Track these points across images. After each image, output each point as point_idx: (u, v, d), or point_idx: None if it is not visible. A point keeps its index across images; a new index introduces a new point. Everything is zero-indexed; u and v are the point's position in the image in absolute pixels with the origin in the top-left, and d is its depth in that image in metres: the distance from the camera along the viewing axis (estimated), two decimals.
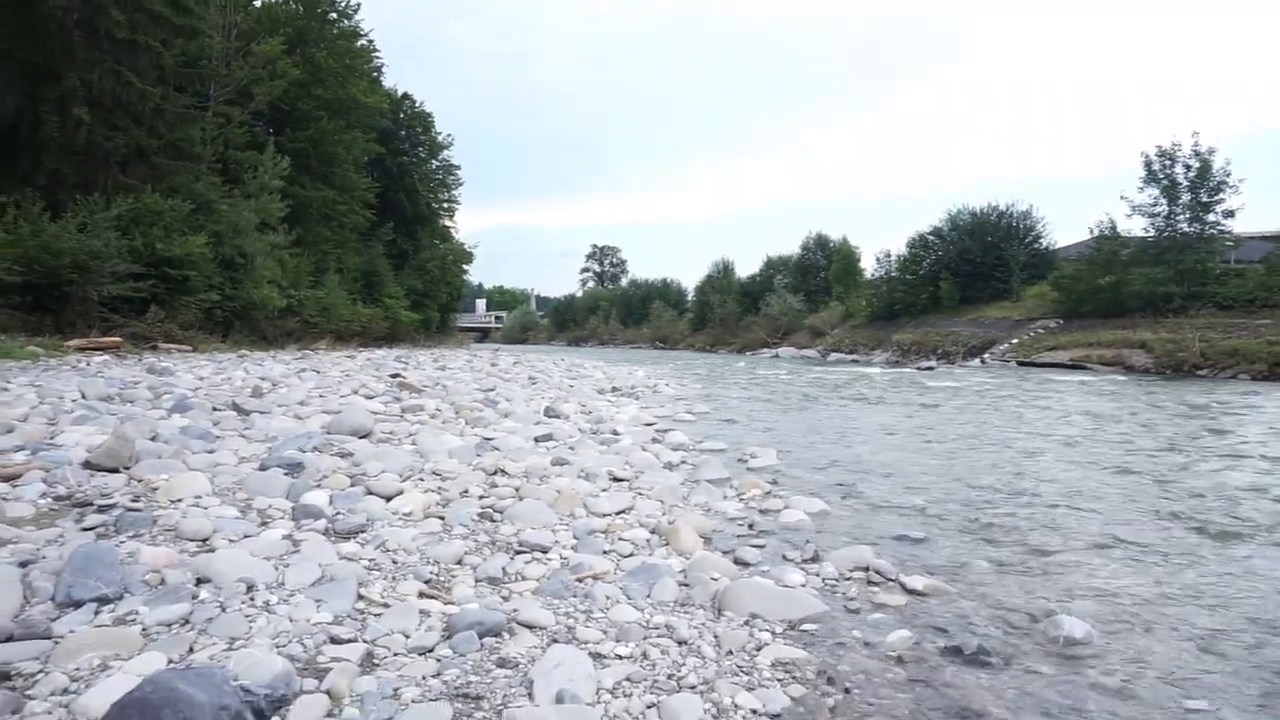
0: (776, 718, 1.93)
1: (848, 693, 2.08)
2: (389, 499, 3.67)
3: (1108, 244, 27.18)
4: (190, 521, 3.02)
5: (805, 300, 45.96)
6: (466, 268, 44.39)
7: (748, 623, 2.50)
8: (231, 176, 21.23)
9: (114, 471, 3.81)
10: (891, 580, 3.01)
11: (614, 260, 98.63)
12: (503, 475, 4.41)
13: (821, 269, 48.19)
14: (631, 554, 3.18)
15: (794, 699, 2.02)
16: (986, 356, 26.61)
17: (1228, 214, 25.17)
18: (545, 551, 3.10)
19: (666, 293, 68.58)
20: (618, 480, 4.59)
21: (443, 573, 2.80)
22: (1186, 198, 25.59)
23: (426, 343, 33.37)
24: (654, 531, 3.51)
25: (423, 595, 2.54)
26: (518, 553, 3.08)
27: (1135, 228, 27.11)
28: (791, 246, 53.16)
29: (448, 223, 41.84)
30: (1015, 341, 27.06)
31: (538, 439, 5.82)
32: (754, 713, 1.93)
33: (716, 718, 1.89)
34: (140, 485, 3.63)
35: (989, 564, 3.30)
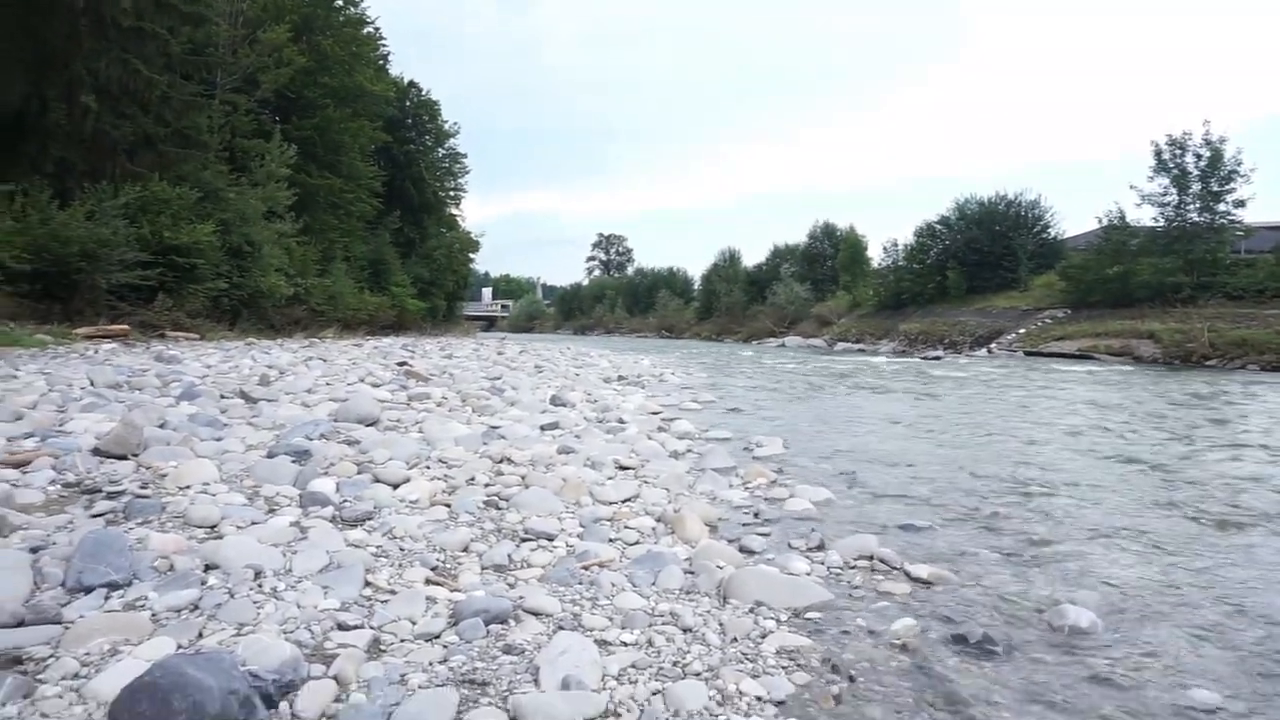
0: (781, 705, 1.93)
1: (852, 680, 2.09)
2: (396, 486, 3.69)
3: (1116, 233, 26.96)
4: (198, 508, 3.04)
5: (812, 289, 45.84)
6: (473, 256, 44.49)
7: (753, 610, 2.51)
8: (238, 165, 21.21)
9: (122, 458, 3.83)
10: (896, 569, 3.01)
11: (620, 249, 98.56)
12: (509, 463, 4.42)
13: (828, 258, 48.10)
14: (637, 542, 3.19)
15: (798, 686, 2.03)
16: (993, 346, 26.51)
17: (1239, 203, 24.91)
18: (551, 539, 3.11)
19: (673, 282, 68.49)
20: (624, 468, 4.60)
21: (449, 560, 2.82)
22: (1197, 187, 25.32)
23: (433, 331, 33.38)
24: (660, 519, 3.52)
25: (429, 582, 2.56)
26: (524, 540, 3.09)
27: (1144, 217, 26.90)
28: (798, 235, 53.15)
29: (454, 211, 41.83)
30: (1022, 331, 26.95)
31: (544, 427, 5.83)
32: (759, 700, 1.94)
33: (721, 705, 1.90)
34: (149, 472, 3.65)
35: (994, 553, 3.30)
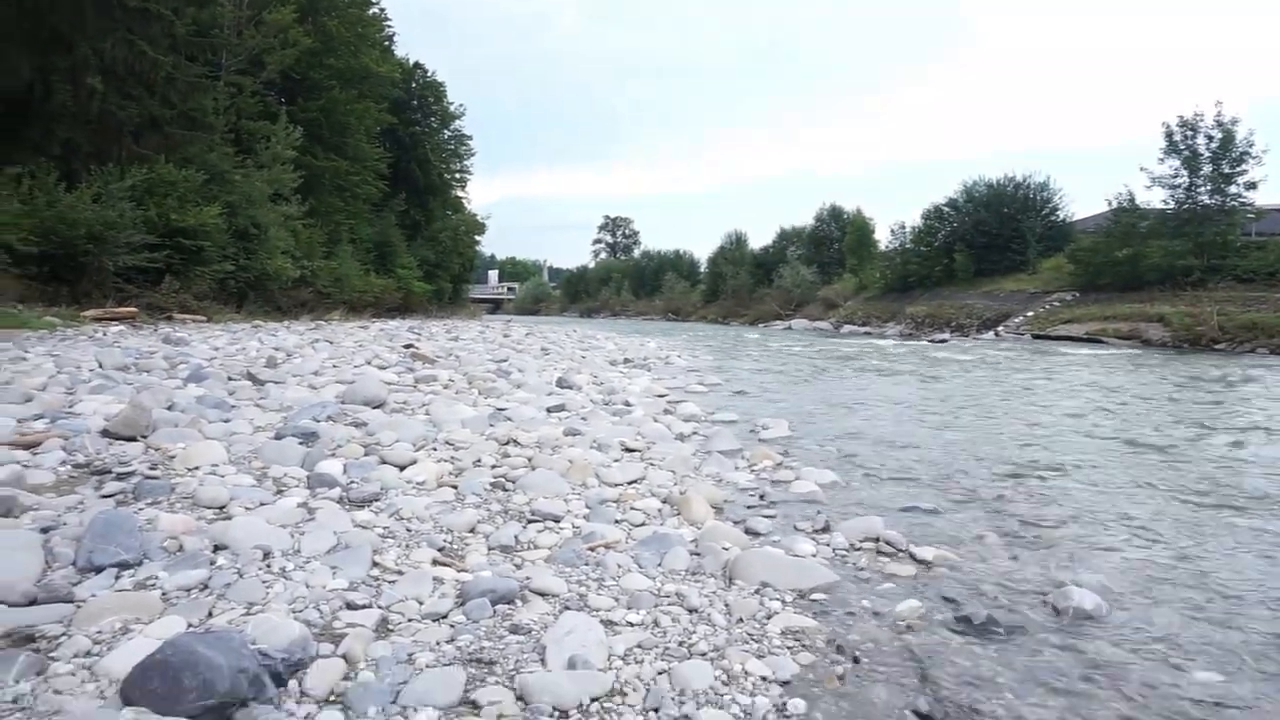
0: (786, 685, 1.94)
1: (857, 661, 2.10)
2: (403, 468, 3.70)
3: (1126, 216, 26.77)
4: (207, 489, 3.06)
5: (818, 272, 45.69)
6: (479, 238, 44.45)
7: (758, 591, 2.52)
8: (244, 147, 21.16)
9: (131, 440, 3.85)
10: (901, 551, 3.02)
11: (626, 231, 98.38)
12: (515, 445, 4.43)
13: (835, 240, 47.89)
14: (643, 523, 3.20)
15: (803, 666, 2.04)
16: (1001, 329, 26.40)
17: (1250, 185, 24.72)
18: (557, 520, 3.12)
19: (679, 264, 68.34)
20: (630, 451, 4.61)
21: (456, 541, 2.83)
22: (1208, 169, 25.11)
23: (439, 314, 33.38)
24: (665, 501, 3.53)
25: (436, 563, 2.57)
26: (530, 522, 3.10)
27: (1154, 200, 26.70)
28: (805, 218, 52.82)
29: (460, 193, 41.69)
30: (1030, 314, 26.83)
31: (550, 410, 5.83)
32: (764, 680, 1.95)
33: (727, 684, 1.91)
34: (158, 453, 3.67)
35: (998, 535, 3.30)
